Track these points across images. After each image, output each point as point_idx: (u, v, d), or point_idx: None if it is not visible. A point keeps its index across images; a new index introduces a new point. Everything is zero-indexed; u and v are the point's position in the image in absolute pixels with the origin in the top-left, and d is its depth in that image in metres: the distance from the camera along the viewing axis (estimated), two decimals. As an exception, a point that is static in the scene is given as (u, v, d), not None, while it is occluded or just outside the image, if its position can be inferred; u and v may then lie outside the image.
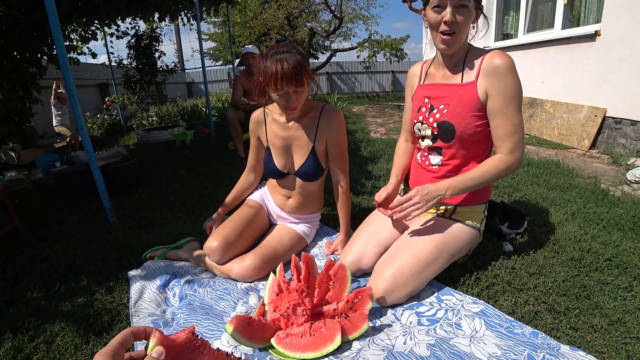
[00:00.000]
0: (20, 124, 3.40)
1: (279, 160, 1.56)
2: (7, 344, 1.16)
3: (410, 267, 1.24)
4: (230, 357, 0.68)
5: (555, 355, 0.98)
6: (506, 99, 1.20)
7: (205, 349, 0.63)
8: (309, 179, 1.56)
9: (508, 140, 1.23)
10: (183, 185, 2.76)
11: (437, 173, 1.39)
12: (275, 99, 1.37)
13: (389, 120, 5.93)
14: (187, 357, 0.60)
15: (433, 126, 1.34)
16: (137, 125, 6.35)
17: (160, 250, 1.68)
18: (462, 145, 1.31)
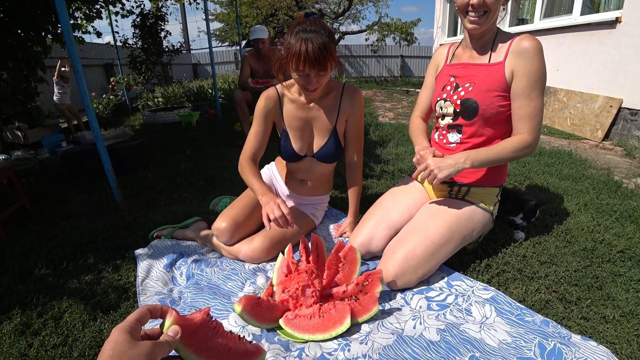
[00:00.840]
0: (26, 103, 3.38)
1: (297, 143, 1.49)
2: (15, 320, 1.17)
3: (422, 250, 1.23)
4: (242, 340, 0.67)
5: (566, 344, 0.97)
6: (530, 81, 1.20)
7: (219, 331, 0.63)
8: (328, 160, 1.53)
9: (528, 121, 1.22)
10: (189, 166, 2.76)
11: (454, 151, 1.36)
12: (295, 77, 1.31)
13: (397, 105, 5.84)
14: (201, 337, 0.60)
15: (456, 103, 1.32)
16: (142, 106, 6.32)
17: (167, 229, 1.67)
18: (484, 124, 1.30)
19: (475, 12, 1.18)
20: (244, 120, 3.36)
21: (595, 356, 0.95)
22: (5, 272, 1.44)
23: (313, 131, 1.48)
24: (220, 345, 0.63)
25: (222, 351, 0.64)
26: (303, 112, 1.46)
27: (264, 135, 1.47)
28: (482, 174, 1.35)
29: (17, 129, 4.20)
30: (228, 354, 0.65)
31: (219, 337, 0.63)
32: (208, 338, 0.61)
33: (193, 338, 0.59)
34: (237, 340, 0.66)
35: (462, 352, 0.99)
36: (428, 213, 1.34)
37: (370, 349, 1.01)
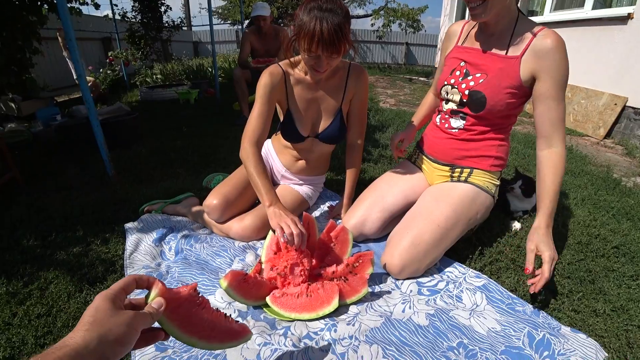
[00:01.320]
0: (20, 75, 3.29)
1: (301, 124, 1.43)
2: (1, 289, 1.15)
3: (429, 235, 1.20)
4: (228, 319, 0.66)
5: (555, 335, 0.97)
6: (558, 82, 1.13)
7: (204, 307, 0.62)
8: (332, 141, 1.49)
9: (560, 127, 1.16)
10: (185, 143, 2.72)
11: (456, 137, 1.33)
12: (304, 57, 1.24)
13: (400, 92, 5.78)
14: (186, 312, 0.58)
15: (464, 93, 1.26)
16: (140, 83, 6.21)
17: (158, 204, 1.65)
18: (489, 116, 1.25)
19: (472, 2, 1.11)
20: (243, 100, 3.31)
21: (584, 348, 0.94)
22: (-8, 242, 1.41)
23: (318, 112, 1.44)
24: (205, 321, 0.62)
25: (206, 327, 0.62)
26: (309, 93, 1.40)
27: (268, 115, 1.33)
28: (484, 159, 1.32)
29: (10, 101, 4.11)
30: (212, 331, 0.64)
31: (205, 313, 0.62)
32: (193, 313, 0.60)
33: (177, 312, 0.57)
34: (223, 319, 0.65)
35: (450, 338, 0.99)
36: (431, 197, 1.32)
37: (357, 331, 1.00)
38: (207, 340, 0.62)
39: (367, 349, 0.94)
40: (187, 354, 0.92)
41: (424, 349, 0.95)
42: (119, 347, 0.42)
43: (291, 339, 0.97)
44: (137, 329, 0.45)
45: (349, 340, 0.97)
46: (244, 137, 1.31)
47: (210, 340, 0.63)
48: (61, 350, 0.37)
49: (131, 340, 0.44)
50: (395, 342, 0.98)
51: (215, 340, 0.64)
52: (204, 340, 0.61)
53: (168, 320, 0.55)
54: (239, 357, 0.91)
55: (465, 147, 1.32)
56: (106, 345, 0.41)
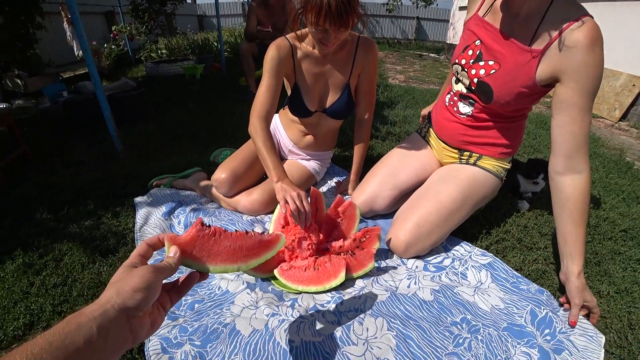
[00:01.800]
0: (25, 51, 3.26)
1: (309, 99, 1.41)
2: (18, 260, 1.19)
3: (434, 216, 1.19)
4: (251, 234, 0.66)
5: (557, 315, 0.98)
6: (586, 89, 0.92)
7: (221, 235, 0.61)
8: (339, 117, 1.47)
9: (584, 144, 0.96)
10: (192, 119, 2.72)
11: (464, 123, 1.28)
12: (311, 31, 1.20)
13: (409, 68, 5.64)
14: (204, 248, 0.58)
15: (472, 81, 1.17)
16: (145, 58, 6.13)
17: (167, 178, 1.66)
18: (499, 109, 1.17)
19: None
20: (249, 74, 3.25)
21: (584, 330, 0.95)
22: (7, 216, 1.45)
23: (325, 86, 1.41)
24: (229, 246, 0.61)
25: (235, 250, 0.62)
26: (316, 67, 1.37)
27: (276, 89, 1.30)
28: (493, 147, 1.27)
29: (16, 77, 4.10)
30: (243, 251, 0.63)
31: (224, 240, 0.61)
32: (212, 244, 0.59)
33: (197, 250, 0.57)
34: (246, 236, 0.64)
35: (454, 313, 1.00)
36: (439, 178, 1.30)
37: (362, 304, 1.02)
38: (242, 262, 0.62)
39: (372, 322, 0.96)
40: (197, 322, 0.96)
41: (428, 323, 0.97)
42: (139, 293, 0.44)
43: (298, 310, 0.99)
44: (156, 279, 0.47)
45: (355, 312, 1.00)
46: (253, 112, 1.29)
47: (245, 260, 0.62)
48: (90, 308, 0.41)
49: (152, 286, 0.46)
50: (400, 315, 1.00)
51: (250, 257, 0.63)
52: (240, 262, 0.61)
53: (193, 261, 0.56)
54: (247, 326, 0.94)
55: (473, 133, 1.27)
56: (124, 295, 0.43)
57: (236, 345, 0.89)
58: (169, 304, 0.53)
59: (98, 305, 0.41)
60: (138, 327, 0.45)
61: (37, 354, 0.34)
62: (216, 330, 0.93)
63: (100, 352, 0.40)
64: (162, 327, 0.93)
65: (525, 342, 0.92)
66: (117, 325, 0.42)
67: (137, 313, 0.45)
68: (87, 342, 0.38)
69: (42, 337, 0.36)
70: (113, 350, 0.41)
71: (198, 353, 0.87)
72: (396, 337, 0.92)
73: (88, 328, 0.39)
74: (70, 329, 0.38)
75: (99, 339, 0.39)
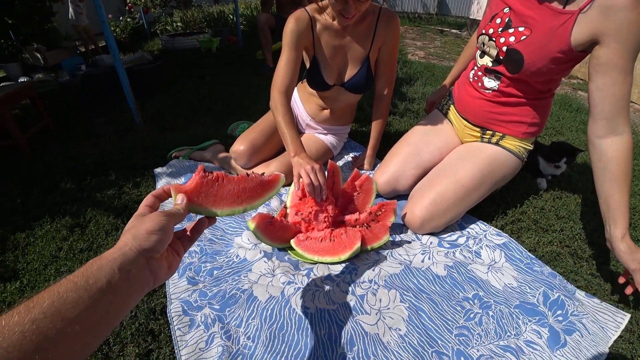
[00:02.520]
0: (42, 24, 3.28)
1: (327, 72, 1.38)
2: (46, 227, 1.26)
3: (451, 193, 1.18)
4: (252, 176, 0.67)
5: (570, 298, 0.97)
6: (628, 49, 0.88)
7: (224, 180, 0.62)
8: (358, 91, 1.44)
9: (625, 106, 0.92)
10: (208, 92, 2.72)
11: (489, 99, 1.22)
12: (331, 2, 1.17)
13: (430, 44, 5.42)
14: (209, 193, 0.59)
15: (501, 49, 1.10)
16: (161, 31, 6.09)
17: (185, 150, 1.69)
18: (527, 80, 1.10)
19: None
20: (266, 48, 3.19)
21: (597, 313, 0.95)
22: (34, 185, 1.51)
23: (344, 60, 1.38)
24: (233, 189, 0.63)
25: (239, 193, 0.64)
26: (336, 39, 1.33)
27: (296, 63, 1.27)
28: (518, 125, 1.22)
29: (36, 51, 4.15)
30: (246, 193, 0.65)
31: (228, 184, 0.63)
32: (217, 189, 0.61)
33: (203, 196, 0.59)
34: (247, 179, 0.66)
35: (466, 289, 1.01)
36: (458, 156, 1.27)
37: (376, 276, 1.04)
38: (247, 203, 0.64)
39: (386, 293, 0.98)
40: (216, 287, 0.99)
41: (440, 297, 0.98)
42: (153, 235, 0.46)
43: (313, 279, 1.02)
44: (168, 222, 0.49)
45: (369, 284, 1.01)
46: (273, 86, 1.27)
47: (250, 200, 0.64)
48: (109, 252, 0.43)
49: (164, 229, 0.48)
50: (412, 288, 1.01)
51: (254, 198, 0.65)
52: (245, 204, 0.64)
53: (200, 206, 0.58)
54: (264, 293, 0.97)
55: (498, 110, 1.22)
56: (140, 238, 0.46)
57: (253, 310, 0.92)
58: (182, 249, 0.55)
59: (116, 249, 0.44)
60: (157, 268, 0.48)
61: (62, 293, 0.36)
62: (234, 295, 0.97)
63: (124, 292, 0.42)
64: (182, 291, 0.97)
65: (537, 320, 0.92)
66: (137, 267, 0.44)
67: (154, 254, 0.47)
68: (109, 282, 0.40)
69: (66, 279, 0.38)
70: (136, 290, 0.44)
71: (217, 316, 0.91)
72: (408, 308, 0.94)
73: (109, 269, 0.41)
74: (92, 270, 0.40)
75: (121, 279, 0.41)
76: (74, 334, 0.35)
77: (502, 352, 0.85)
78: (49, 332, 0.33)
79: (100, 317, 0.38)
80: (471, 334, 0.89)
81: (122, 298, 0.42)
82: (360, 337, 0.87)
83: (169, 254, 0.51)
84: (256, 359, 0.81)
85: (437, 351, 0.85)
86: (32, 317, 0.33)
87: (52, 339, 0.33)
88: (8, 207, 1.37)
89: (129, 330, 0.87)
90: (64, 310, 0.35)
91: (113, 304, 0.40)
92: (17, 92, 1.90)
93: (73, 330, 0.35)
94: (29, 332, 0.31)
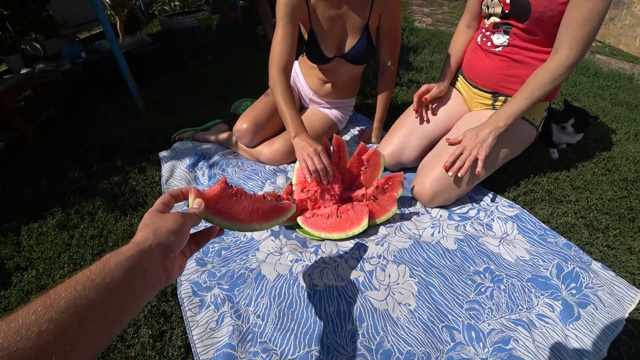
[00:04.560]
0: (38, 13, 3.22)
1: (325, 44, 1.32)
2: (57, 216, 1.27)
3: None
4: (267, 199, 0.68)
5: (585, 270, 0.94)
6: None
7: (242, 196, 0.64)
8: (359, 62, 1.38)
9: (575, 30, 0.95)
10: (210, 71, 2.68)
11: (500, 56, 1.16)
12: None
13: (437, 10, 5.17)
14: (225, 206, 0.61)
15: (505, 2, 1.07)
16: (159, 12, 5.94)
17: (189, 132, 1.67)
18: (538, 27, 1.05)
19: None
20: (267, 22, 3.10)
21: (612, 286, 0.92)
22: (43, 175, 1.53)
23: (343, 30, 1.31)
24: (247, 207, 0.65)
25: (250, 212, 0.66)
26: (332, 9, 1.26)
27: (292, 37, 1.21)
28: None
29: (34, 41, 4.11)
30: (259, 214, 0.67)
31: (244, 200, 0.65)
32: (233, 203, 0.63)
33: (219, 207, 0.60)
34: (263, 200, 0.68)
35: (477, 263, 0.99)
36: (468, 125, 1.20)
37: (385, 251, 1.03)
38: (258, 223, 0.66)
39: (395, 268, 0.97)
40: (225, 268, 1.00)
41: (450, 272, 0.96)
42: (174, 235, 0.47)
43: (321, 256, 1.01)
44: (187, 224, 0.49)
45: (377, 259, 1.00)
46: (271, 64, 1.22)
47: (260, 221, 0.66)
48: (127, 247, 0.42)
49: (183, 230, 0.48)
50: (422, 263, 1.00)
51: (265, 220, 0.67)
52: (255, 223, 0.65)
53: (214, 216, 0.59)
54: (272, 271, 0.97)
55: (509, 71, 1.15)
56: (161, 235, 0.45)
57: (262, 289, 0.93)
58: (189, 252, 0.55)
59: (134, 244, 0.43)
60: (170, 267, 0.47)
61: (80, 291, 0.35)
62: (242, 275, 0.97)
63: (138, 289, 0.41)
64: (192, 273, 0.98)
65: (549, 294, 0.90)
66: (153, 265, 0.44)
67: (171, 254, 0.47)
68: (127, 279, 0.39)
69: (83, 274, 0.37)
70: (150, 287, 0.43)
71: (226, 296, 0.91)
72: (418, 283, 0.93)
73: (128, 266, 0.40)
74: (110, 266, 0.39)
75: (137, 276, 0.41)
76: (90, 333, 0.34)
77: (513, 326, 0.84)
78: (67, 332, 0.32)
79: (114, 315, 0.38)
80: (482, 308, 0.88)
81: (136, 296, 0.41)
82: (369, 313, 0.87)
83: (178, 255, 0.51)
84: (266, 337, 0.82)
85: (448, 326, 0.84)
86: (50, 316, 0.32)
87: (70, 339, 0.32)
88: (20, 198, 1.39)
89: (141, 312, 0.89)
90: (82, 310, 0.34)
91: (128, 303, 0.40)
92: (17, 84, 1.89)
93: (89, 330, 0.34)
94: (46, 333, 0.31)
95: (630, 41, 3.24)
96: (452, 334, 0.83)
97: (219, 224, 0.60)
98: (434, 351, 0.80)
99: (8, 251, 1.15)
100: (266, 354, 0.79)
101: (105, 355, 0.82)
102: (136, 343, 0.83)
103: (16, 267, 1.09)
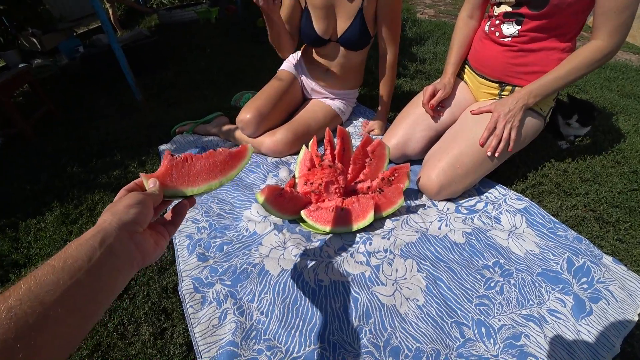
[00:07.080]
0: (34, 7, 3.18)
1: (319, 24, 1.32)
2: (56, 211, 1.25)
3: (470, 158, 1.11)
4: (220, 150, 0.66)
5: (596, 264, 0.92)
6: None
7: (192, 159, 0.62)
8: (353, 47, 1.36)
9: (614, 17, 0.93)
10: (210, 64, 2.65)
11: (508, 47, 1.12)
12: None
13: (440, 1, 5.11)
14: (181, 175, 0.59)
15: None
16: (157, 5, 5.88)
17: (189, 125, 1.65)
18: (555, 15, 1.00)
19: None
20: (266, 14, 3.06)
21: (624, 280, 0.89)
22: (42, 171, 1.50)
23: (335, 12, 1.30)
24: (205, 166, 0.63)
25: (210, 169, 0.63)
26: None
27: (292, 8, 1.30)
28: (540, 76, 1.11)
29: (31, 36, 4.07)
30: (218, 167, 0.64)
31: (197, 162, 0.62)
32: (188, 168, 0.61)
33: (175, 177, 0.59)
34: (215, 153, 0.65)
35: (486, 257, 0.97)
36: (475, 118, 1.18)
37: (392, 245, 1.00)
38: (222, 175, 0.64)
39: (402, 263, 0.95)
40: (227, 263, 0.97)
41: (459, 266, 0.94)
42: (133, 208, 0.45)
43: (326, 251, 0.99)
44: (146, 199, 0.48)
45: (384, 253, 0.98)
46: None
47: (224, 173, 0.64)
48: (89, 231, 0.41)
49: (143, 203, 0.47)
50: (430, 257, 0.97)
51: (226, 171, 0.65)
52: (220, 177, 0.63)
53: (175, 188, 0.58)
54: (276, 266, 0.95)
55: (518, 61, 1.12)
56: (120, 212, 0.44)
57: (266, 285, 0.90)
58: (168, 234, 0.54)
59: (95, 227, 0.42)
60: (142, 241, 0.46)
61: (39, 277, 0.34)
62: (245, 270, 0.95)
63: (109, 267, 0.40)
64: (193, 268, 0.96)
65: (560, 288, 0.87)
66: (120, 241, 0.42)
67: (137, 228, 0.45)
68: (90, 259, 0.38)
69: (45, 264, 0.36)
70: (123, 265, 0.42)
71: (229, 292, 0.89)
72: (426, 278, 0.90)
73: (89, 246, 0.39)
74: (70, 250, 0.38)
75: (104, 254, 0.39)
76: (57, 317, 0.33)
77: (524, 321, 0.81)
78: (28, 318, 0.31)
79: (86, 296, 0.37)
80: (492, 303, 0.85)
81: (108, 274, 0.40)
82: (376, 308, 0.85)
83: (153, 232, 0.50)
84: (270, 334, 0.80)
85: (457, 321, 0.82)
86: (8, 305, 0.31)
87: (32, 325, 0.31)
88: (18, 194, 1.37)
89: (142, 310, 0.87)
90: (43, 294, 0.33)
91: (99, 282, 0.38)
92: (13, 78, 1.86)
93: (55, 314, 0.33)
94: (6, 321, 0.30)
95: (637, 33, 3.19)
96: (461, 330, 0.80)
97: (183, 193, 0.58)
98: (444, 348, 0.77)
99: (6, 248, 1.12)
100: (270, 352, 0.77)
101: (104, 354, 0.80)
102: (137, 341, 0.81)
103: (14, 264, 1.07)
